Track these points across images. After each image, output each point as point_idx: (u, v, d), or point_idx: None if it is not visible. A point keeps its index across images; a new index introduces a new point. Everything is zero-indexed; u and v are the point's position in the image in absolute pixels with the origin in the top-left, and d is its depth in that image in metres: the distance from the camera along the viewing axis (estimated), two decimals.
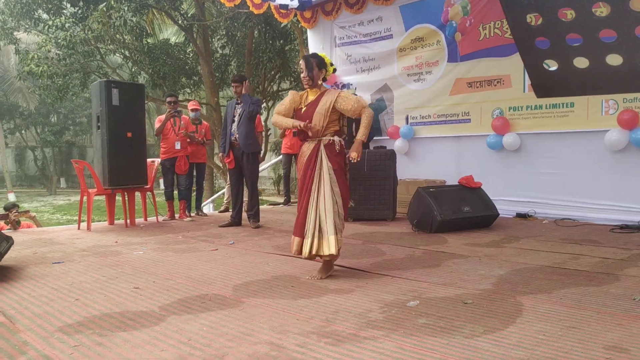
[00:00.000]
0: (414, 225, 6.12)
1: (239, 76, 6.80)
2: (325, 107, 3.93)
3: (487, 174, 7.06)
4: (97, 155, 6.89)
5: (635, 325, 2.71)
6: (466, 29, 7.69)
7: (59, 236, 6.24)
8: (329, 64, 4.08)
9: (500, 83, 7.32)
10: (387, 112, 8.87)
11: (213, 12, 15.74)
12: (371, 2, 8.78)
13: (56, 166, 34.53)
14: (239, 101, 6.71)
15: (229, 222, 6.85)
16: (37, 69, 13.17)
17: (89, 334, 2.72)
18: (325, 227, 3.82)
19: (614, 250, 4.71)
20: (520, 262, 4.32)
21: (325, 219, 3.83)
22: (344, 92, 4.05)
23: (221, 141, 6.94)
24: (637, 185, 6.12)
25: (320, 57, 4.08)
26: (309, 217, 3.87)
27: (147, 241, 5.74)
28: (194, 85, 16.37)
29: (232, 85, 6.86)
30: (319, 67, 4.01)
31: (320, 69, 4.02)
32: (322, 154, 3.94)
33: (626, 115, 6.12)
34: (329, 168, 3.89)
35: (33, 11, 14.36)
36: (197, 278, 3.96)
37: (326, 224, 3.82)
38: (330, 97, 3.96)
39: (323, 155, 3.93)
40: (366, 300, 3.29)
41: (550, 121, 6.90)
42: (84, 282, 3.86)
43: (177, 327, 2.82)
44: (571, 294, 3.31)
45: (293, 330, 2.73)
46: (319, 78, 4.04)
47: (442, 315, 2.93)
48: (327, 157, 3.92)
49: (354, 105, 3.94)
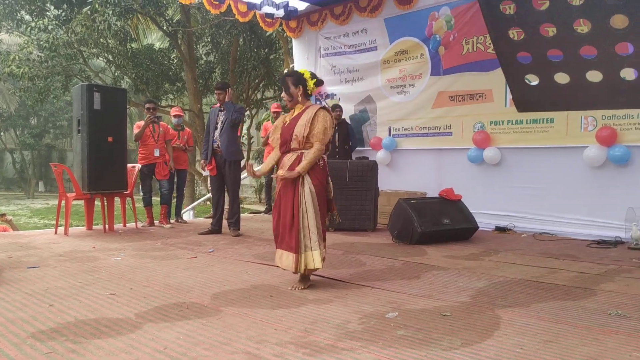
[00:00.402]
0: (395, 237, 6.14)
1: (222, 84, 6.79)
2: (306, 119, 3.92)
3: (467, 187, 7.11)
4: (76, 159, 6.80)
5: (611, 339, 2.74)
6: (449, 43, 7.78)
7: (35, 240, 6.13)
8: (308, 78, 4.03)
9: (482, 97, 7.41)
10: (370, 124, 8.91)
11: (198, 19, 15.71)
12: (357, 14, 8.85)
13: (35, 169, 34.02)
14: (221, 108, 6.70)
15: (209, 230, 6.80)
16: (18, 70, 13.02)
17: (63, 340, 2.67)
18: (309, 243, 3.83)
19: (591, 265, 4.77)
20: (498, 275, 4.35)
21: (309, 234, 3.83)
22: (323, 112, 3.94)
23: (203, 148, 6.91)
24: (614, 201, 6.21)
25: (298, 74, 4.07)
26: (301, 233, 3.84)
27: (125, 247, 5.67)
28: (177, 92, 16.30)
29: (215, 92, 6.85)
30: (295, 85, 3.99)
31: (296, 86, 3.99)
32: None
33: (604, 132, 6.23)
34: (309, 184, 3.87)
35: (16, 12, 14.22)
36: (175, 286, 3.92)
37: (310, 239, 3.82)
38: (312, 111, 3.94)
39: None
40: (345, 311, 3.28)
41: (530, 136, 7.00)
42: (59, 288, 3.79)
43: (153, 335, 2.78)
44: (548, 308, 3.34)
45: (271, 340, 2.71)
46: (297, 95, 4.00)
47: (421, 327, 2.93)
48: (307, 173, 3.90)
49: (317, 131, 3.88)
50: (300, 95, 4.01)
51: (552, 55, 2.32)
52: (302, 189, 3.87)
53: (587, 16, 2.17)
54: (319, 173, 3.95)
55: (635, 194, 6.03)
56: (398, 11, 8.31)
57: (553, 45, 2.34)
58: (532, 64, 2.49)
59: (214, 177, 6.79)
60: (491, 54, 6.83)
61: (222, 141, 6.60)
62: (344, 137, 8.50)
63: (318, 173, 3.94)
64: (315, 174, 3.92)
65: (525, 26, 2.35)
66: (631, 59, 2.16)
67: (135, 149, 8.46)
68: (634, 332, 2.85)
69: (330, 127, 3.94)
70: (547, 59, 2.40)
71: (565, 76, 2.42)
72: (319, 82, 4.13)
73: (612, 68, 2.20)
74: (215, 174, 6.74)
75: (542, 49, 2.39)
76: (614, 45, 2.14)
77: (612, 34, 2.06)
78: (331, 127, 3.95)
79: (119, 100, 7.01)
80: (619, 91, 2.34)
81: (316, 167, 3.94)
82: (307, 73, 4.07)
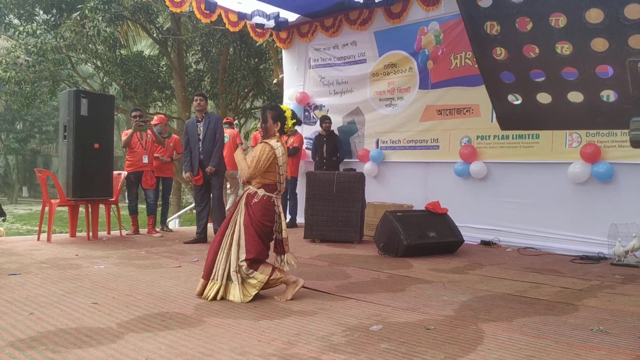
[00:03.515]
0: (380, 249, 6.14)
1: (203, 93, 6.82)
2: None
3: (453, 200, 7.15)
4: (62, 165, 6.75)
5: (591, 355, 2.75)
6: (438, 57, 7.85)
7: (17, 247, 6.06)
8: (288, 117, 4.06)
9: (469, 112, 7.47)
10: (358, 135, 8.94)
11: (189, 27, 15.70)
12: (347, 27, 8.90)
13: (19, 174, 33.60)
14: (199, 119, 6.69)
15: (195, 239, 6.77)
16: (4, 74, 12.93)
17: (42, 349, 2.64)
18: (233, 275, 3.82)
19: (574, 281, 4.81)
20: (483, 290, 4.37)
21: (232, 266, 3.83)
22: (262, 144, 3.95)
23: (185, 160, 6.87)
24: (597, 218, 6.27)
25: (280, 110, 4.09)
26: (218, 260, 3.86)
27: (108, 255, 5.62)
28: (166, 99, 16.25)
29: (196, 99, 6.75)
30: (274, 120, 4.01)
31: (275, 122, 4.01)
32: (242, 202, 3.96)
33: (589, 149, 6.31)
34: (242, 217, 3.89)
35: (4, 16, 14.11)
36: (158, 295, 3.88)
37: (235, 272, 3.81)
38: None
39: (242, 204, 3.95)
40: (329, 323, 3.27)
41: (516, 151, 7.06)
42: (40, 296, 3.74)
43: (134, 345, 2.75)
44: (531, 323, 3.36)
45: (254, 351, 2.70)
46: (272, 130, 4.02)
47: (404, 341, 2.93)
48: (245, 205, 3.92)
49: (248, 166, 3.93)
50: (277, 130, 4.04)
51: (534, 75, 2.36)
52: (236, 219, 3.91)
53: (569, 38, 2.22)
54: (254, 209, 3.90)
55: (618, 210, 6.10)
56: (388, 25, 8.37)
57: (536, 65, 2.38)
58: (515, 83, 2.52)
59: (199, 186, 6.78)
60: (478, 70, 6.90)
61: (204, 152, 6.63)
62: (331, 149, 8.52)
63: (253, 208, 3.90)
64: (250, 207, 3.90)
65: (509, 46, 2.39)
66: (611, 81, 2.20)
67: (122, 156, 8.43)
68: (614, 347, 2.87)
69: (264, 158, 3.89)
70: (530, 79, 2.44)
71: (547, 96, 2.46)
72: (298, 123, 4.17)
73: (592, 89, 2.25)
74: (201, 183, 6.73)
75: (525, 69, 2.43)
76: (594, 66, 2.18)
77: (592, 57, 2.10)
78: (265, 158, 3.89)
79: (106, 106, 6.98)
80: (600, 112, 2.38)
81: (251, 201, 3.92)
82: (289, 112, 4.11)
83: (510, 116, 3.03)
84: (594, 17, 2.12)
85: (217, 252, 3.90)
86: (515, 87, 2.73)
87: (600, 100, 2.29)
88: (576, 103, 2.42)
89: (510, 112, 3.02)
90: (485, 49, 2.46)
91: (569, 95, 2.45)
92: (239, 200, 4.02)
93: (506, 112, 3.03)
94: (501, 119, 2.85)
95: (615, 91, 2.22)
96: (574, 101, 2.43)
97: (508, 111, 3.03)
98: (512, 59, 2.41)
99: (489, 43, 2.44)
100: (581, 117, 2.47)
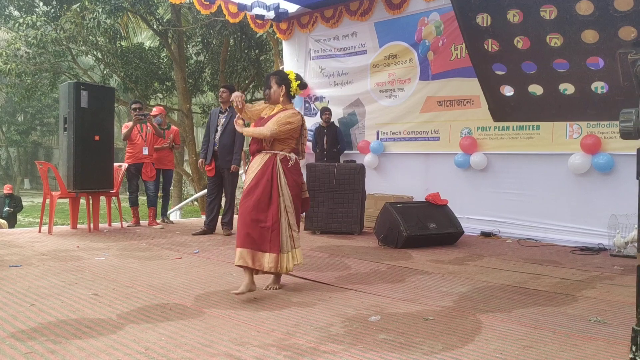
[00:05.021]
0: (380, 240, 6.16)
1: (231, 85, 6.77)
2: None
3: (453, 191, 7.15)
4: (62, 157, 6.75)
5: (589, 346, 2.77)
6: (438, 48, 7.82)
7: (18, 239, 6.08)
8: (292, 79, 4.00)
9: (470, 103, 7.46)
10: (358, 127, 8.93)
11: (189, 19, 15.67)
12: (347, 17, 8.87)
13: (21, 166, 33.71)
14: (222, 110, 6.69)
15: (203, 230, 6.80)
16: (4, 66, 12.91)
17: (43, 340, 2.65)
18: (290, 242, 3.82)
19: (573, 272, 4.82)
20: (482, 280, 4.38)
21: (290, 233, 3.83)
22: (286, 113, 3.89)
23: (202, 148, 6.95)
24: (597, 209, 6.27)
25: (283, 74, 4.05)
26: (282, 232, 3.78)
27: (109, 247, 5.64)
28: (167, 91, 16.24)
29: (221, 90, 6.75)
30: (279, 84, 3.96)
31: (279, 85, 3.95)
32: (279, 168, 3.84)
33: (589, 140, 6.30)
34: (285, 184, 3.84)
35: (4, 8, 14.09)
36: (158, 286, 3.90)
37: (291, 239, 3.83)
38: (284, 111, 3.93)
39: (280, 170, 3.84)
40: (328, 314, 3.29)
41: (516, 142, 7.05)
42: (41, 287, 3.76)
43: (134, 336, 2.77)
44: (530, 314, 3.37)
45: (253, 342, 2.71)
46: (278, 94, 3.96)
47: (403, 331, 2.95)
48: (283, 172, 3.85)
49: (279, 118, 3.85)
50: (283, 95, 3.96)
51: (526, 67, 2.36)
52: (279, 187, 3.81)
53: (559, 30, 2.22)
54: (293, 173, 3.90)
55: (618, 201, 6.09)
56: (388, 15, 8.34)
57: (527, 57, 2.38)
58: (507, 75, 2.52)
59: (212, 178, 6.82)
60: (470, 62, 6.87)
61: (221, 145, 6.62)
62: (332, 140, 8.52)
63: (292, 172, 3.90)
64: (289, 173, 3.88)
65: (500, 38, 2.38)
66: (602, 73, 2.20)
67: (122, 148, 8.42)
68: (612, 338, 2.88)
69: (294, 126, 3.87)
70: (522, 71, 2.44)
71: (539, 87, 2.45)
72: (303, 85, 4.07)
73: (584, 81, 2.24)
74: (213, 174, 6.76)
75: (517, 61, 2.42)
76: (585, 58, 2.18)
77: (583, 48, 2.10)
78: (295, 127, 3.88)
79: (106, 98, 6.98)
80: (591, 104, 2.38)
81: (288, 166, 3.89)
82: (293, 74, 4.05)
83: (503, 108, 3.02)
84: (584, 9, 2.12)
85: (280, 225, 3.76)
86: (507, 79, 2.73)
87: (592, 91, 2.29)
88: (567, 94, 2.42)
89: (503, 103, 3.02)
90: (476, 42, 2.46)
91: (560, 86, 2.46)
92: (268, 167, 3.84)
93: (498, 104, 3.02)
94: (493, 111, 2.85)
95: (606, 83, 2.22)
96: (565, 93, 2.43)
97: (500, 103, 3.02)
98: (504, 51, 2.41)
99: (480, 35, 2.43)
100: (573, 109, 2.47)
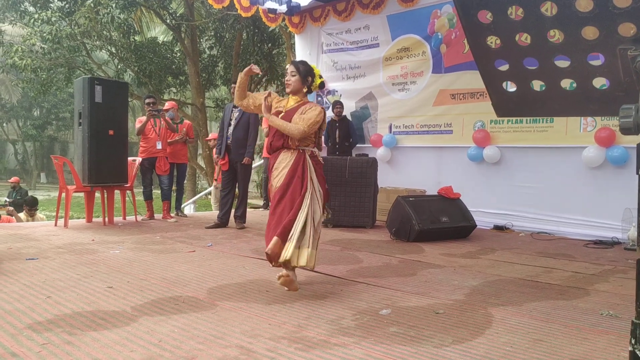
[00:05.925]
0: (393, 234, 6.17)
1: None
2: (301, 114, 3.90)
3: (466, 185, 7.14)
4: (77, 151, 6.83)
5: (600, 339, 2.76)
6: (451, 41, 7.78)
7: (35, 232, 6.17)
8: (317, 75, 3.97)
9: (483, 96, 7.40)
10: (371, 120, 8.93)
11: (202, 13, 15.72)
12: (359, 11, 8.85)
13: (37, 161, 34.14)
14: (235, 104, 6.72)
15: (216, 224, 6.85)
16: (20, 62, 13.05)
17: (59, 332, 2.71)
18: (308, 239, 3.62)
19: (586, 265, 4.80)
20: (494, 274, 4.37)
21: (310, 230, 3.65)
22: (312, 112, 3.81)
23: (217, 143, 7.04)
24: (612, 202, 6.22)
25: (309, 67, 3.98)
26: (297, 222, 3.64)
27: (124, 240, 5.70)
28: (180, 85, 16.32)
29: (233, 85, 6.79)
30: (304, 75, 3.90)
31: (305, 77, 3.90)
32: (310, 165, 3.81)
33: (603, 133, 6.25)
34: (316, 181, 3.79)
35: (19, 3, 14.24)
36: (172, 279, 3.95)
37: (310, 236, 3.63)
38: (308, 107, 3.88)
39: (311, 168, 3.80)
40: (339, 307, 3.31)
41: (530, 135, 7.01)
42: (57, 280, 3.83)
43: (148, 328, 2.81)
44: (541, 307, 3.37)
45: (264, 334, 2.74)
46: (301, 86, 3.90)
47: (413, 325, 2.96)
48: (314, 169, 3.81)
49: (308, 116, 3.79)
50: (304, 88, 3.94)
51: (528, 60, 2.35)
52: (310, 182, 3.75)
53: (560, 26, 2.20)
54: (320, 168, 3.91)
55: (632, 195, 5.96)
56: (400, 8, 8.31)
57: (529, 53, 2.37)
58: (509, 71, 2.51)
59: (226, 172, 6.87)
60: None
61: (234, 139, 6.66)
62: (344, 134, 8.53)
63: (320, 168, 3.91)
64: (319, 169, 3.87)
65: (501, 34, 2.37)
66: (603, 69, 2.18)
67: (136, 142, 8.48)
68: (624, 332, 2.87)
69: (320, 125, 3.85)
70: (524, 67, 2.43)
71: (541, 83, 2.45)
72: (322, 85, 4.05)
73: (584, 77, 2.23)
74: (227, 168, 6.81)
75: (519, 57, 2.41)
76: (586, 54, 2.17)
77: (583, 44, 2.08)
78: (320, 124, 3.85)
79: (120, 93, 7.04)
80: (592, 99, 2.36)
81: (317, 162, 3.88)
82: (318, 71, 4.02)
83: (506, 103, 3.01)
84: (583, 6, 2.10)
85: (296, 214, 3.66)
86: (510, 75, 2.72)
87: (593, 87, 2.28)
88: (569, 90, 2.42)
89: (506, 99, 3.00)
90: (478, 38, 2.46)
91: (561, 82, 2.45)
92: (298, 163, 3.80)
93: (502, 100, 3.01)
94: (497, 106, 2.84)
95: (607, 78, 2.21)
96: (566, 88, 2.42)
97: (503, 99, 3.01)
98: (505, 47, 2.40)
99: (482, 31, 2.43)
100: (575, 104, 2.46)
